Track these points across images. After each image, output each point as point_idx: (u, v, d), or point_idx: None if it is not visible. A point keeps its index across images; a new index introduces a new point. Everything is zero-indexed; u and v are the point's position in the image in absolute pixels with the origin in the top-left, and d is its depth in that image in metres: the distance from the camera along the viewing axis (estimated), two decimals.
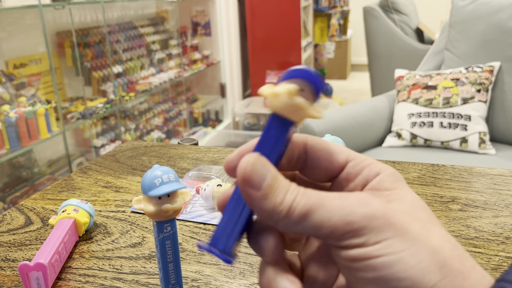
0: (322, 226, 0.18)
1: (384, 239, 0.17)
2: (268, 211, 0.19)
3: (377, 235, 0.18)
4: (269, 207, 0.19)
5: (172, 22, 2.29)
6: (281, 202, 0.19)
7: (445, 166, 0.57)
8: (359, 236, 0.18)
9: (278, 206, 0.18)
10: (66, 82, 1.67)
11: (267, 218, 0.19)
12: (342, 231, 0.18)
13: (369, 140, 1.31)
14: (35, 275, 0.35)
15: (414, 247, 0.17)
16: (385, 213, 0.18)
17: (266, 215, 0.19)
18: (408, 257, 0.17)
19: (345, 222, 0.18)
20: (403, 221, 0.18)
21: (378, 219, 0.18)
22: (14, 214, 0.49)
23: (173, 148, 0.67)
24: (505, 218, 0.43)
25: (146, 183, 0.30)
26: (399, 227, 0.18)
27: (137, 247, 0.42)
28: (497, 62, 1.23)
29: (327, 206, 0.18)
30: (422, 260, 0.17)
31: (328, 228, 0.18)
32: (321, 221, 0.18)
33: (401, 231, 0.18)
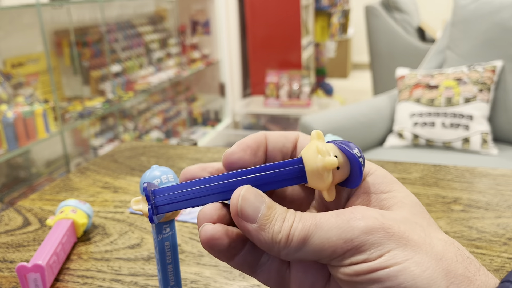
0: (323, 248, 0.18)
1: (386, 251, 0.17)
2: (267, 242, 0.18)
3: (379, 249, 0.17)
4: (268, 238, 0.18)
5: (171, 21, 2.28)
6: (278, 230, 0.18)
7: (447, 167, 0.56)
8: (360, 252, 0.17)
9: (276, 235, 0.18)
10: (64, 81, 1.66)
11: (268, 249, 0.19)
12: (343, 250, 0.17)
13: (370, 140, 1.31)
14: (33, 276, 0.34)
15: (418, 255, 0.17)
16: (382, 224, 0.18)
17: (266, 246, 0.18)
18: (413, 267, 0.17)
19: (344, 240, 0.17)
20: (402, 231, 0.18)
21: (377, 232, 0.17)
22: (12, 214, 0.49)
23: (172, 148, 0.67)
24: (508, 219, 0.43)
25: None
26: (400, 238, 0.17)
27: (136, 248, 0.41)
28: (499, 62, 1.23)
29: (324, 226, 0.18)
30: (427, 268, 0.17)
31: (328, 249, 0.18)
32: (321, 243, 0.18)
33: (402, 241, 0.17)
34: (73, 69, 1.66)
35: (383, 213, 0.19)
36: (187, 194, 0.21)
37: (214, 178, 0.20)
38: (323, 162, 0.19)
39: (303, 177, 0.20)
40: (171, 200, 0.21)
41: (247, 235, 0.19)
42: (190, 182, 0.21)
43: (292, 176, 0.20)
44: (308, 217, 0.18)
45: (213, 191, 0.20)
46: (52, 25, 1.59)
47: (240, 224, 0.19)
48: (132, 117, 2.00)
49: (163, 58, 2.16)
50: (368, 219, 0.18)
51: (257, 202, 0.19)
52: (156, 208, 0.21)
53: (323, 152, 0.19)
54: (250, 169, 0.20)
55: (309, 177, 0.19)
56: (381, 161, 0.59)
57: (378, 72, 2.50)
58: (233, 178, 0.20)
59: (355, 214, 0.18)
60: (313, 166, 0.19)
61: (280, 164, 0.20)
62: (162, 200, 0.21)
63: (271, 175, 0.20)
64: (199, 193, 0.20)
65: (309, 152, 0.19)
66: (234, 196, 0.19)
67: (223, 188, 0.20)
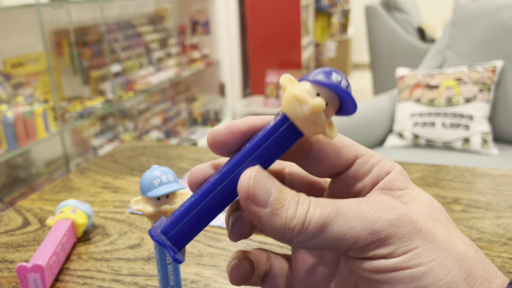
0: (343, 237, 0.16)
1: (412, 248, 0.16)
2: (279, 228, 0.17)
3: (405, 244, 0.16)
4: (280, 224, 0.17)
5: (171, 21, 2.28)
6: (292, 216, 0.17)
7: (447, 167, 0.56)
8: (385, 245, 0.16)
9: (290, 221, 0.17)
10: (64, 81, 1.66)
11: (280, 237, 0.17)
12: (367, 241, 0.16)
13: (370, 140, 1.31)
14: (33, 276, 0.34)
15: (442, 256, 0.16)
16: (410, 218, 0.17)
17: (278, 233, 0.17)
18: (437, 268, 0.16)
19: (369, 231, 0.16)
20: (428, 226, 0.17)
21: (406, 226, 0.16)
22: (12, 215, 0.49)
23: (172, 149, 0.67)
24: (508, 219, 0.43)
25: (145, 183, 0.29)
26: (426, 234, 0.16)
27: (136, 249, 0.41)
28: (499, 61, 1.23)
29: (346, 214, 0.16)
30: (450, 270, 0.16)
31: (350, 239, 0.16)
32: (342, 232, 0.16)
33: (428, 238, 0.16)
34: (73, 69, 1.66)
35: (407, 207, 0.18)
36: (198, 212, 0.18)
37: (216, 179, 0.18)
38: (309, 109, 0.17)
39: (297, 133, 0.18)
40: (185, 229, 0.18)
41: (256, 221, 0.17)
42: (191, 198, 0.19)
43: (286, 137, 0.18)
44: (327, 203, 0.17)
45: (223, 193, 0.18)
46: (52, 25, 1.59)
47: (251, 209, 0.17)
48: (132, 117, 2.00)
49: (163, 58, 2.16)
50: (396, 210, 0.17)
51: (268, 184, 0.17)
52: (175, 246, 0.18)
53: (304, 98, 0.17)
54: (245, 151, 0.18)
55: (302, 129, 0.18)
56: None
57: (378, 72, 2.50)
58: (236, 169, 0.18)
59: (382, 204, 0.17)
60: (301, 117, 0.17)
61: (268, 133, 0.18)
62: (176, 236, 0.18)
63: (267, 147, 0.18)
64: (210, 204, 0.18)
65: (290, 104, 0.17)
66: (244, 178, 0.17)
67: (232, 184, 0.18)
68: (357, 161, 0.20)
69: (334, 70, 0.18)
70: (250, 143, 0.18)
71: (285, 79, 0.18)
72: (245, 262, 0.21)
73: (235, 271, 0.21)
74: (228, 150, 0.19)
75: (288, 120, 0.18)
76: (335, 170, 0.20)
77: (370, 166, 0.19)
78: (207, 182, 0.19)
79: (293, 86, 0.18)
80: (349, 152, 0.20)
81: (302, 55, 2.54)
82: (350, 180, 0.20)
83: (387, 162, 0.20)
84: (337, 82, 0.17)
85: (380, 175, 0.19)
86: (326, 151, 0.19)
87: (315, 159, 0.20)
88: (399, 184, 0.19)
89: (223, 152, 0.19)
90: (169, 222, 0.19)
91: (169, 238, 0.18)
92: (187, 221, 0.18)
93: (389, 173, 0.19)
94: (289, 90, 0.18)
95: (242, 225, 0.20)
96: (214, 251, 0.40)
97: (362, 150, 0.20)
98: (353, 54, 4.23)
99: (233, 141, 0.19)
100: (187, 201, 0.19)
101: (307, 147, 0.20)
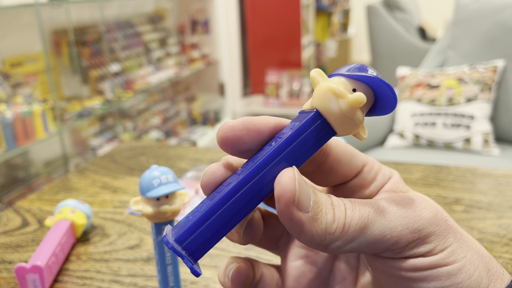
0: (383, 239, 0.16)
1: (448, 245, 0.16)
2: (320, 234, 0.16)
3: (442, 241, 0.16)
4: (321, 229, 0.16)
5: (171, 20, 2.28)
6: (332, 220, 0.16)
7: (448, 167, 0.56)
8: (426, 243, 0.16)
9: (330, 225, 0.16)
10: (63, 81, 1.66)
11: (318, 243, 0.16)
12: (407, 240, 0.16)
13: (371, 140, 1.30)
14: (32, 277, 0.34)
15: (470, 252, 0.16)
16: (442, 215, 0.17)
17: (318, 239, 0.16)
18: (469, 265, 0.16)
19: (411, 230, 0.16)
20: (455, 224, 0.17)
21: (441, 223, 0.16)
22: (10, 215, 0.48)
23: (171, 149, 0.67)
24: (509, 220, 0.43)
25: (144, 184, 0.29)
26: (455, 231, 0.17)
27: (135, 249, 0.41)
28: (501, 61, 1.23)
29: (385, 214, 0.16)
30: (477, 266, 0.16)
31: (390, 240, 0.16)
32: (382, 233, 0.16)
33: (457, 235, 0.17)
34: (72, 68, 1.66)
35: None
36: (218, 218, 0.16)
37: (240, 181, 0.16)
38: (347, 104, 0.15)
39: (329, 131, 0.16)
40: (203, 237, 0.16)
41: (296, 227, 0.16)
42: (207, 202, 0.17)
43: (318, 135, 0.16)
44: (362, 204, 0.16)
45: (248, 197, 0.16)
46: (51, 24, 1.59)
47: (294, 215, 0.15)
48: (131, 117, 2.00)
49: (162, 58, 2.16)
50: (431, 208, 0.17)
51: (307, 186, 0.16)
52: (191, 256, 0.16)
53: (341, 92, 0.15)
54: (272, 150, 0.16)
55: (337, 127, 0.16)
56: (382, 161, 0.59)
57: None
58: (263, 170, 0.16)
59: (418, 203, 0.17)
60: (337, 113, 0.15)
61: (298, 131, 0.16)
62: (192, 245, 0.16)
63: (297, 146, 0.16)
64: (232, 209, 0.16)
65: (325, 99, 0.16)
66: (288, 180, 0.15)
67: (258, 187, 0.16)
68: (364, 169, 0.20)
69: (367, 65, 0.16)
70: (276, 142, 0.16)
71: (316, 73, 0.16)
72: (244, 265, 0.20)
73: (236, 275, 0.20)
74: (240, 148, 0.17)
75: (321, 117, 0.16)
76: (343, 180, 0.20)
77: (375, 173, 0.20)
78: (227, 184, 0.17)
79: (326, 81, 0.16)
80: (358, 161, 0.19)
81: (303, 54, 2.54)
82: (356, 188, 0.20)
83: (386, 168, 0.20)
84: (373, 75, 0.16)
85: (384, 181, 0.20)
86: (340, 161, 0.19)
87: (328, 170, 0.19)
88: (402, 187, 0.19)
89: (234, 150, 0.17)
90: (185, 229, 0.16)
91: (184, 248, 0.16)
92: (206, 228, 0.16)
93: (391, 178, 0.20)
94: (323, 84, 0.16)
95: (254, 227, 0.19)
96: (213, 252, 0.40)
97: (365, 158, 0.20)
98: (353, 54, 4.23)
99: (248, 139, 0.17)
100: (203, 206, 0.17)
101: (321, 158, 0.19)
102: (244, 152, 0.18)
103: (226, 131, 0.17)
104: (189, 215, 0.17)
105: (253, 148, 0.17)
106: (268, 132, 0.17)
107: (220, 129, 0.17)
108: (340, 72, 0.16)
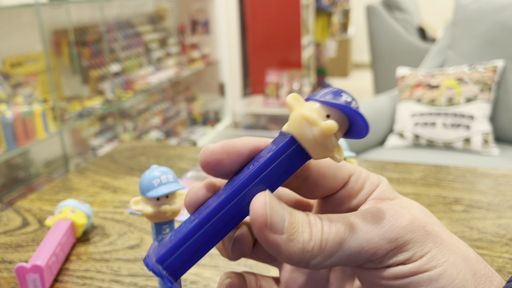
0: (361, 251, 0.16)
1: (427, 251, 0.16)
2: (297, 253, 0.16)
3: (421, 248, 0.16)
4: (298, 248, 0.16)
5: (171, 20, 2.28)
6: (309, 238, 0.16)
7: (448, 167, 0.56)
8: (404, 251, 0.16)
9: (308, 243, 0.16)
10: (63, 81, 1.66)
11: (297, 262, 0.16)
12: (386, 250, 0.16)
13: (371, 140, 1.30)
14: (32, 277, 0.34)
15: (452, 256, 0.17)
16: (420, 222, 0.17)
17: (296, 258, 0.16)
18: (451, 269, 0.16)
19: (387, 239, 0.16)
20: (436, 230, 0.17)
21: (418, 230, 0.17)
22: (11, 215, 0.48)
23: (171, 149, 0.67)
24: (509, 220, 0.43)
25: (144, 183, 0.29)
26: (435, 237, 0.17)
27: (135, 249, 0.41)
28: (500, 61, 1.23)
29: (361, 227, 0.16)
30: (461, 269, 0.16)
31: (369, 251, 0.16)
32: (360, 245, 0.16)
33: (437, 240, 0.17)
34: (72, 68, 1.66)
35: (412, 212, 0.18)
36: (198, 239, 0.17)
37: (219, 203, 0.17)
38: (319, 131, 0.16)
39: (304, 156, 0.17)
40: (183, 257, 0.17)
41: (273, 249, 0.16)
42: (188, 223, 0.17)
43: (293, 160, 0.17)
44: (338, 219, 0.17)
45: (227, 218, 0.17)
46: (51, 24, 1.59)
47: (269, 238, 0.16)
48: (131, 117, 2.00)
49: (162, 58, 2.16)
50: (407, 216, 0.17)
51: (281, 209, 0.16)
52: (172, 276, 0.17)
53: (314, 120, 0.16)
54: (250, 174, 0.17)
55: (311, 152, 0.17)
56: (382, 161, 0.59)
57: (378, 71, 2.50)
58: (241, 192, 0.17)
59: (393, 212, 0.17)
60: (311, 140, 0.16)
61: (274, 155, 0.17)
62: (174, 264, 0.17)
63: (273, 170, 0.17)
64: (212, 230, 0.17)
65: (298, 125, 0.16)
66: (259, 205, 0.16)
67: (236, 208, 0.17)
68: (350, 180, 0.20)
69: (342, 90, 0.17)
70: (254, 165, 0.17)
71: (292, 98, 0.17)
72: (237, 280, 0.20)
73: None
74: (222, 170, 0.18)
75: (296, 142, 0.17)
76: (330, 192, 0.20)
77: (362, 183, 0.20)
78: (207, 206, 0.17)
79: (301, 106, 0.17)
80: (344, 172, 0.20)
81: (302, 54, 2.54)
82: (344, 198, 0.20)
83: (374, 175, 0.20)
84: (348, 103, 0.16)
85: (372, 189, 0.20)
86: (324, 175, 0.19)
87: (313, 184, 0.19)
88: (389, 194, 0.19)
89: (216, 172, 0.18)
90: (166, 250, 0.17)
91: (165, 267, 0.17)
92: (186, 249, 0.17)
93: (378, 185, 0.20)
94: (298, 110, 0.16)
95: (242, 244, 0.19)
96: (213, 252, 0.40)
97: (352, 168, 0.20)
98: (353, 54, 4.23)
99: (228, 161, 0.18)
100: (184, 227, 0.17)
101: (305, 173, 0.19)
102: (226, 174, 0.18)
103: (207, 155, 0.18)
104: (171, 235, 0.18)
105: (234, 170, 0.18)
106: (248, 153, 0.18)
107: (201, 154, 0.18)
108: (316, 97, 0.17)
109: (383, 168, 0.56)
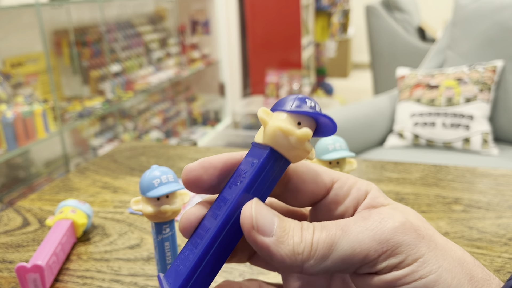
0: (353, 253, 0.16)
1: (420, 255, 0.16)
2: (288, 255, 0.16)
3: (414, 252, 0.16)
4: (289, 250, 0.17)
5: (171, 21, 2.28)
6: (299, 241, 0.17)
7: (447, 167, 0.56)
8: (396, 254, 0.16)
9: (298, 245, 0.17)
10: (64, 81, 1.66)
11: (290, 265, 0.17)
12: (377, 252, 0.16)
13: (370, 140, 1.30)
14: (33, 276, 0.34)
15: (446, 261, 0.17)
16: (412, 225, 0.17)
17: (288, 261, 0.17)
18: (446, 275, 0.16)
19: (378, 241, 0.16)
20: (430, 234, 0.17)
21: (410, 232, 0.17)
22: (11, 215, 0.49)
23: (172, 149, 0.67)
24: (508, 219, 0.43)
25: (145, 183, 0.29)
26: (429, 240, 0.17)
27: (136, 249, 0.41)
28: (500, 61, 1.23)
29: (352, 230, 0.17)
30: (456, 274, 0.16)
31: (360, 254, 0.16)
32: (351, 248, 0.16)
33: (431, 244, 0.17)
34: (72, 69, 1.66)
35: (406, 216, 0.18)
36: (208, 262, 0.18)
37: (219, 225, 0.18)
38: (296, 139, 0.18)
39: (285, 162, 0.19)
40: (199, 282, 0.18)
41: (264, 252, 0.17)
42: (193, 248, 0.18)
43: (277, 168, 0.18)
44: (330, 224, 0.17)
45: (229, 237, 0.18)
46: (52, 25, 1.59)
47: (257, 240, 0.17)
48: (131, 117, 2.00)
49: (162, 58, 2.16)
50: (399, 218, 0.17)
51: (270, 213, 0.17)
52: None
53: (289, 130, 0.17)
54: (240, 191, 0.18)
55: (290, 158, 0.18)
56: (382, 161, 0.59)
57: (378, 72, 2.50)
58: (237, 211, 0.18)
59: (385, 215, 0.17)
60: (289, 148, 0.18)
61: (259, 169, 0.18)
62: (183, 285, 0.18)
63: (262, 183, 0.18)
64: (219, 252, 0.18)
65: (276, 137, 0.18)
66: (246, 210, 0.17)
67: (236, 225, 0.18)
68: (334, 186, 0.20)
69: (304, 96, 0.18)
70: (241, 181, 0.18)
71: (263, 112, 0.18)
72: None
73: None
74: (202, 186, 0.19)
75: (275, 152, 0.18)
76: (315, 198, 0.20)
77: (348, 188, 0.20)
78: (206, 230, 0.18)
79: (272, 119, 0.18)
80: (325, 178, 0.20)
81: (302, 55, 2.54)
82: (331, 205, 0.20)
83: (362, 182, 0.20)
84: (313, 108, 0.18)
85: (360, 195, 0.20)
86: (304, 180, 0.20)
87: (294, 189, 0.20)
88: (382, 201, 0.19)
89: (197, 188, 0.19)
90: (183, 279, 0.18)
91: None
92: (200, 274, 0.18)
93: (368, 192, 0.20)
94: (272, 124, 0.18)
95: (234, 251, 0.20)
96: None
97: (337, 175, 0.20)
98: (353, 54, 4.23)
99: (206, 176, 0.19)
100: (191, 253, 0.18)
101: (284, 179, 0.20)
102: (207, 189, 0.19)
103: (187, 173, 0.19)
104: (177, 264, 0.19)
105: (214, 184, 0.19)
106: (222, 165, 0.19)
107: (182, 173, 0.19)
108: (282, 107, 0.18)
109: (382, 168, 0.56)
